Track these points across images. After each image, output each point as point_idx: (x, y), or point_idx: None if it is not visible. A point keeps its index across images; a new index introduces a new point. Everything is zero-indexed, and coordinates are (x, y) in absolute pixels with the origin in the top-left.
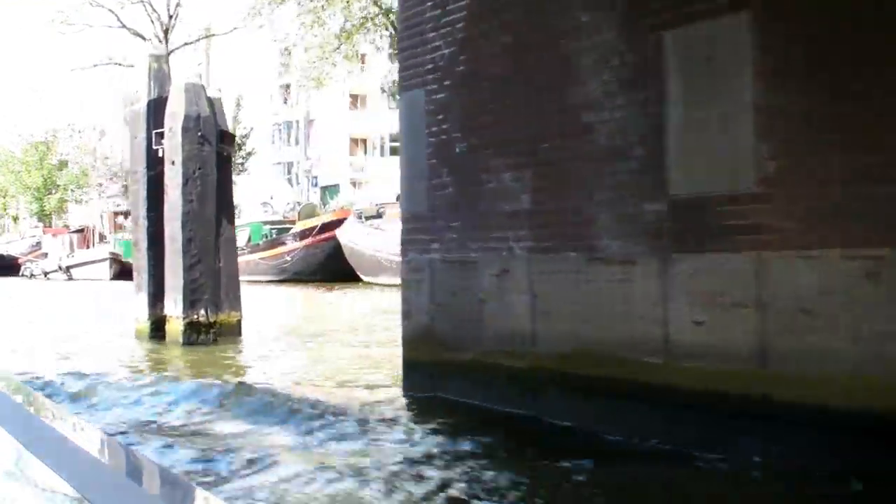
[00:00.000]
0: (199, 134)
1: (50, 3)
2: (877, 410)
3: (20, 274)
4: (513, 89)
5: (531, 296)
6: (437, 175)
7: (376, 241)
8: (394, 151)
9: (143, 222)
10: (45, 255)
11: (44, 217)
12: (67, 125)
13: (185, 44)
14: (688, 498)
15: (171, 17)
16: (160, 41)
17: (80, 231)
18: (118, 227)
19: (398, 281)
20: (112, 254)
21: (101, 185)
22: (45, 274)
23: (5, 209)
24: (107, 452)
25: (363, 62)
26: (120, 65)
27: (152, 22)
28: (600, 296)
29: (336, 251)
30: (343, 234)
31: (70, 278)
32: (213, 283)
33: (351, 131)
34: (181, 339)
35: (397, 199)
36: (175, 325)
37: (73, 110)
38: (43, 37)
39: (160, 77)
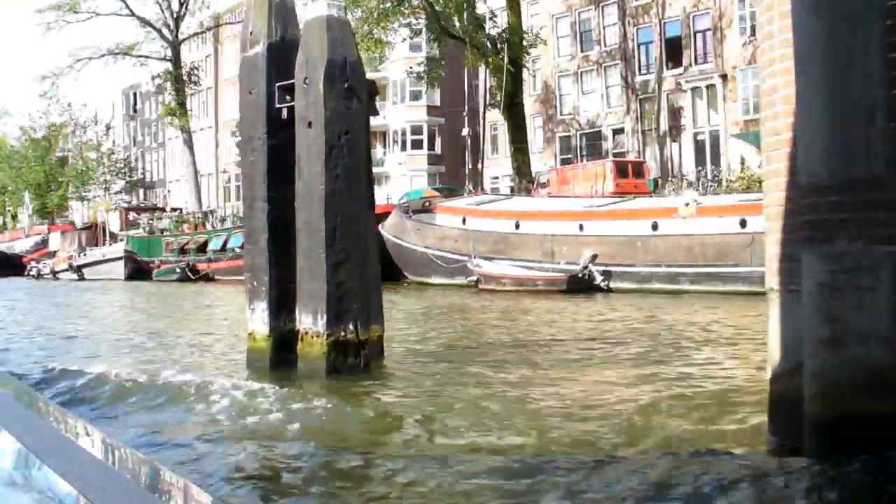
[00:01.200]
0: (347, 86)
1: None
2: None
3: (26, 273)
4: None
5: None
6: None
7: (427, 237)
8: (415, 145)
9: (262, 205)
10: (53, 253)
11: (46, 214)
12: (70, 120)
13: (196, 33)
14: None
15: (181, 4)
16: (170, 30)
17: (89, 228)
18: (129, 224)
19: (452, 280)
20: (127, 251)
21: (106, 181)
22: (55, 273)
23: (4, 207)
24: (109, 454)
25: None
26: (127, 55)
27: (162, 11)
28: None
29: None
30: (387, 230)
31: (81, 278)
32: (362, 287)
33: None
34: (324, 365)
35: (439, 191)
36: (314, 346)
37: (77, 106)
38: (45, 29)
39: (283, 13)
